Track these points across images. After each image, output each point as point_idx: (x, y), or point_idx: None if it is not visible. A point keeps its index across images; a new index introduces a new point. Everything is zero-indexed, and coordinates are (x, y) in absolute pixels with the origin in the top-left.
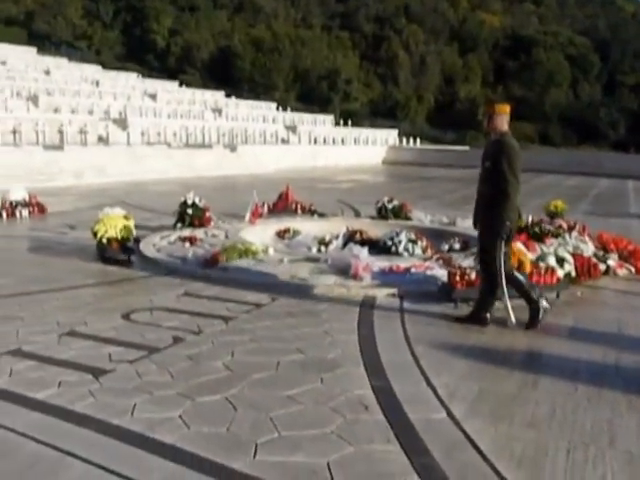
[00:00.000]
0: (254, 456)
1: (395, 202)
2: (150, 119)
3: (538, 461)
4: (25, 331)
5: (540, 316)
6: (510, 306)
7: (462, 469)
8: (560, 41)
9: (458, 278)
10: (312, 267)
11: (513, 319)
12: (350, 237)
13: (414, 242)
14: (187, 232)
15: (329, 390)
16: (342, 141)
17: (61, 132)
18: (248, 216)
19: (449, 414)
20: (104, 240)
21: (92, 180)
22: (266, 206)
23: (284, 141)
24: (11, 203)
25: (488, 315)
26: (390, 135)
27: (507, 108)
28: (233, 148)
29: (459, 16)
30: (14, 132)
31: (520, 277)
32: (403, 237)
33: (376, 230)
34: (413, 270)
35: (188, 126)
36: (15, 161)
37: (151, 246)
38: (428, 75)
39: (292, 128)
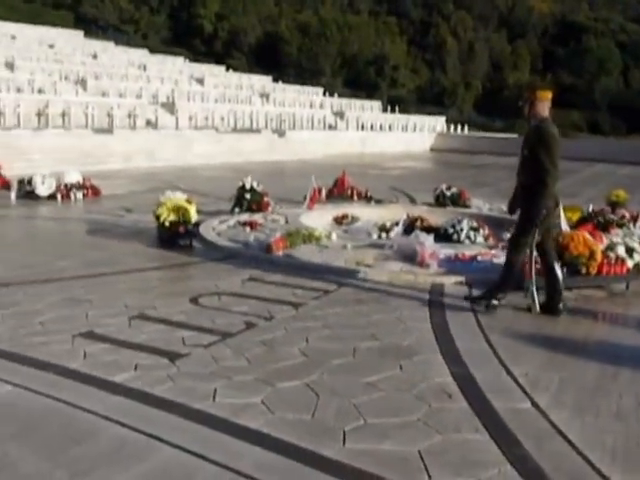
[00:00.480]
0: (343, 443)
1: (454, 189)
2: (198, 103)
3: (632, 454)
4: (94, 314)
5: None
6: (536, 294)
7: (554, 460)
8: (611, 28)
9: (527, 267)
10: (377, 254)
11: (538, 308)
12: (410, 224)
13: (476, 230)
14: (245, 217)
15: (409, 377)
16: (389, 127)
17: (109, 116)
18: (307, 201)
19: (534, 404)
20: (166, 224)
21: (141, 164)
22: (324, 192)
23: (331, 127)
24: (65, 185)
25: (495, 302)
26: (438, 122)
27: (549, 94)
28: (281, 133)
29: (508, 2)
30: (63, 115)
31: (558, 270)
32: (465, 225)
33: (435, 217)
34: (479, 258)
35: (236, 111)
36: (66, 144)
37: (211, 230)
38: (476, 62)
39: (340, 114)
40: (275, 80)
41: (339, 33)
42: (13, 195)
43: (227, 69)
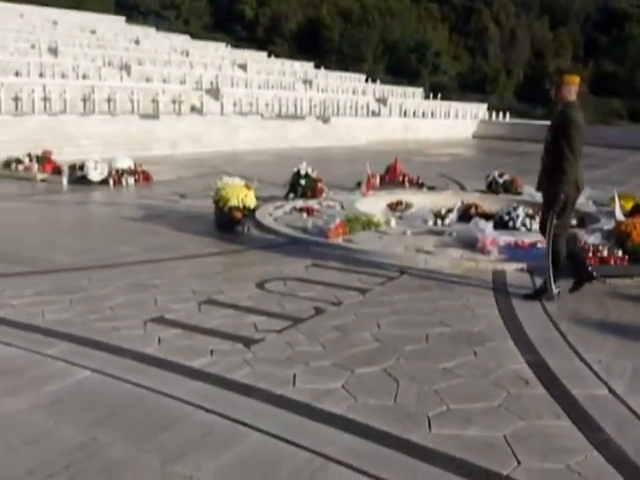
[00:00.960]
0: (429, 429)
1: (506, 177)
2: (242, 89)
3: None
4: (163, 299)
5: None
6: (553, 277)
7: (638, 445)
8: None
9: (591, 254)
10: (436, 240)
11: (555, 290)
12: (465, 211)
13: (531, 217)
14: (300, 203)
15: (484, 364)
16: (432, 114)
17: (154, 102)
18: (362, 187)
19: (610, 390)
20: (226, 209)
21: (187, 149)
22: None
23: (374, 113)
24: (117, 171)
25: (555, 288)
26: (480, 109)
27: (576, 79)
28: (326, 119)
29: None
30: (108, 101)
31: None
32: (520, 212)
33: (489, 205)
34: (539, 245)
35: (280, 97)
36: (112, 130)
37: (267, 216)
38: (517, 49)
39: (382, 100)
40: (317, 66)
41: (381, 19)
42: (65, 180)
43: (269, 55)
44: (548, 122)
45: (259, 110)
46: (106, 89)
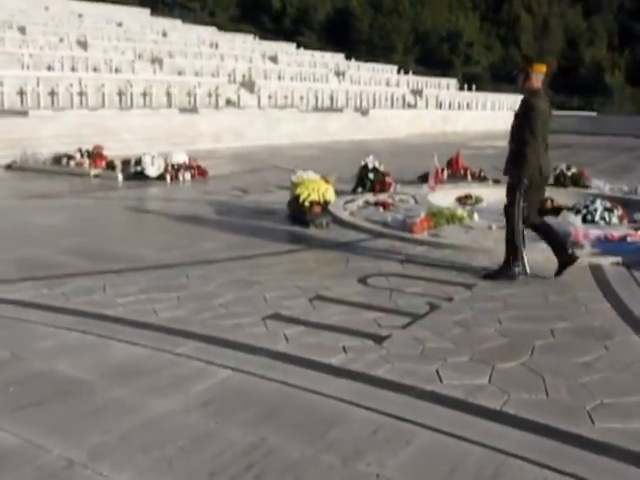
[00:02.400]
0: (592, 422)
1: (573, 169)
2: (276, 82)
3: None
4: (272, 296)
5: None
6: (526, 258)
7: None
8: None
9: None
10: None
11: (528, 269)
12: (540, 204)
13: (610, 211)
14: (370, 197)
15: (619, 357)
16: (467, 106)
17: (189, 95)
18: (431, 181)
19: None
20: (306, 203)
21: (229, 144)
22: (445, 171)
23: (410, 105)
24: (172, 166)
25: (517, 269)
26: (516, 100)
27: (544, 68)
28: (364, 112)
29: None
30: (144, 94)
31: (547, 227)
32: (598, 205)
33: (561, 198)
34: (629, 239)
35: (317, 89)
36: (152, 124)
37: (342, 210)
38: (550, 38)
39: (418, 92)
40: (347, 57)
41: (412, 9)
42: (120, 176)
43: (298, 47)
44: (586, 113)
45: (294, 103)
46: (141, 83)
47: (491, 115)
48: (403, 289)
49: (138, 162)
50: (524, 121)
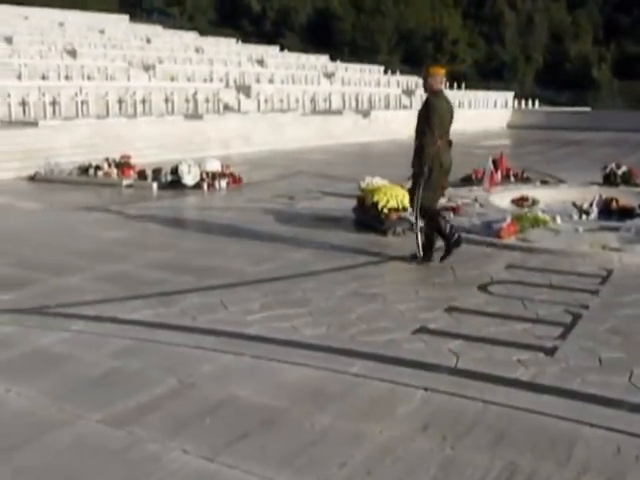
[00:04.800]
0: None
1: (624, 168)
2: (271, 85)
3: None
4: (404, 308)
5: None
6: (420, 243)
7: None
8: None
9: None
10: (613, 237)
11: (421, 253)
12: (605, 205)
13: None
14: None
15: None
16: (459, 105)
17: (187, 101)
18: (485, 183)
19: None
20: (385, 210)
21: (239, 149)
22: (499, 173)
23: (405, 106)
24: (207, 174)
25: (431, 252)
26: (506, 97)
27: (440, 70)
28: (366, 114)
29: None
30: (143, 102)
31: (440, 218)
32: None
33: (621, 198)
34: None
35: (314, 92)
36: (161, 131)
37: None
38: (535, 33)
39: (409, 92)
40: (332, 59)
41: (395, 8)
42: (155, 186)
43: (281, 49)
44: (580, 109)
45: (290, 106)
46: (141, 90)
47: (485, 113)
48: (531, 297)
49: (174, 171)
50: (423, 119)
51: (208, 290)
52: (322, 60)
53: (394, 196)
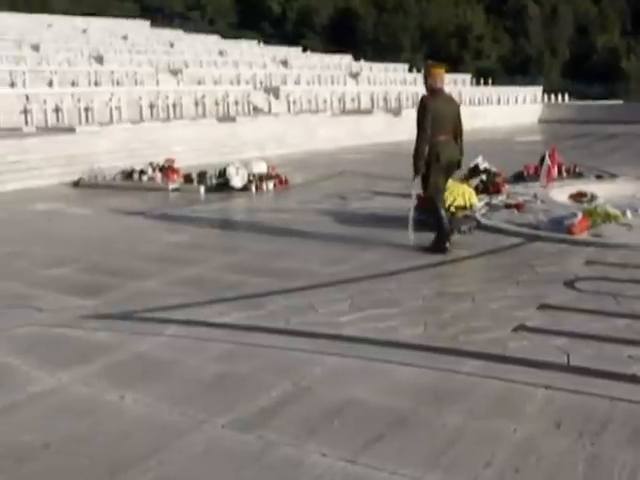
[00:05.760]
0: None
1: None
2: (300, 86)
3: None
4: (497, 307)
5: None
6: (411, 227)
7: None
8: None
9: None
10: None
11: (412, 238)
12: None
13: None
14: (486, 199)
15: None
16: (487, 100)
17: (217, 104)
18: (543, 179)
19: None
20: (452, 209)
21: (274, 151)
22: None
23: None
24: (254, 175)
25: (447, 245)
26: (535, 92)
27: (438, 70)
28: (396, 113)
29: None
30: (174, 106)
31: (442, 211)
32: None
33: None
34: None
35: (344, 92)
36: (197, 135)
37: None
38: (560, 26)
39: None
40: (356, 58)
41: (417, 5)
42: (202, 189)
43: (304, 50)
44: (611, 102)
45: (318, 107)
46: (172, 94)
47: (514, 109)
48: (623, 293)
49: (222, 173)
50: (418, 116)
51: (291, 292)
52: (346, 60)
53: (461, 194)
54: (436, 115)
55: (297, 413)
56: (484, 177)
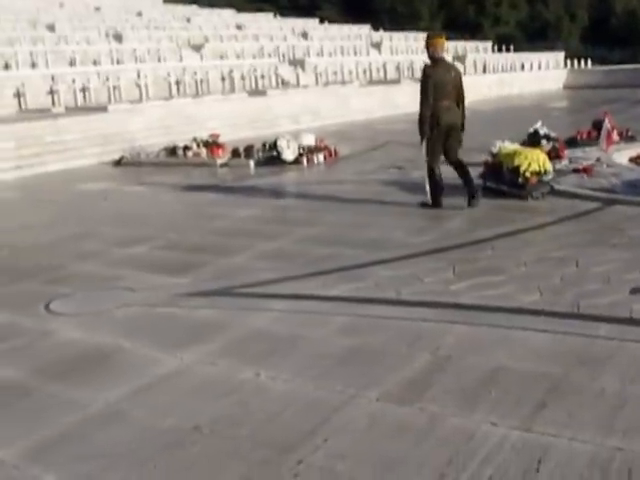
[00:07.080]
0: None
1: None
2: (319, 58)
3: None
4: (604, 270)
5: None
6: (428, 189)
7: None
8: None
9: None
10: None
11: (429, 198)
12: None
13: None
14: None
15: None
16: (511, 67)
17: (243, 78)
18: (602, 143)
19: None
20: (527, 174)
21: (309, 124)
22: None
23: None
24: (304, 148)
25: (441, 199)
26: (557, 58)
27: (440, 40)
28: None
29: None
30: (201, 81)
31: (463, 166)
32: None
33: None
34: None
35: (371, 62)
36: (230, 110)
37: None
38: None
39: (460, 58)
40: (375, 28)
41: None
42: (252, 163)
43: (321, 21)
44: (635, 66)
45: (344, 78)
46: (198, 69)
47: (539, 75)
48: None
49: (272, 147)
50: (421, 84)
51: (388, 262)
52: (364, 30)
53: (535, 159)
54: (437, 82)
55: (449, 383)
56: (544, 142)
